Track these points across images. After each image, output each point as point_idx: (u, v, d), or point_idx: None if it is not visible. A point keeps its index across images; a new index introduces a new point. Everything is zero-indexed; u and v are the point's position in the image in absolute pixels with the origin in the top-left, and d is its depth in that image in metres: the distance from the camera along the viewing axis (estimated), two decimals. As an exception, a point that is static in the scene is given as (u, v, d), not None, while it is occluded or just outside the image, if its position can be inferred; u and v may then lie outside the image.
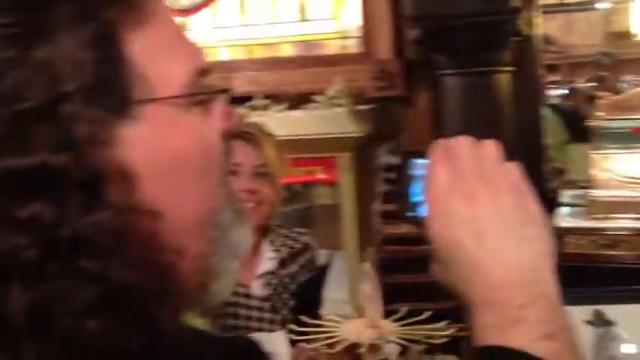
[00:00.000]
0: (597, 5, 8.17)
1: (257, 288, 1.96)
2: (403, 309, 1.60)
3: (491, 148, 0.67)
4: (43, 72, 0.51)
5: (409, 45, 3.50)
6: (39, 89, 0.50)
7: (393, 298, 1.89)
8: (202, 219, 0.60)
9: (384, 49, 3.55)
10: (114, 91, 0.53)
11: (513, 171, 0.66)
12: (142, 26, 0.56)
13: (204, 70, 0.61)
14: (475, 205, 0.64)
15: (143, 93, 0.55)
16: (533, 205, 0.66)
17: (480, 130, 0.70)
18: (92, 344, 0.50)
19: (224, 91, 0.63)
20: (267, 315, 1.91)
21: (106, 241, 0.51)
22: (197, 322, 0.65)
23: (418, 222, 0.72)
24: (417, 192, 0.72)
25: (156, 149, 0.56)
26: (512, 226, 0.64)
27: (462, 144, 0.67)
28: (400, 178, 0.75)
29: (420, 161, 0.72)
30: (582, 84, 6.41)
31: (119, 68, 0.54)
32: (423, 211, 0.70)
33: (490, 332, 0.61)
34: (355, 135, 3.15)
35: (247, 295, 1.90)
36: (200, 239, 0.60)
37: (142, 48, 0.55)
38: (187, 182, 0.58)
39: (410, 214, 0.73)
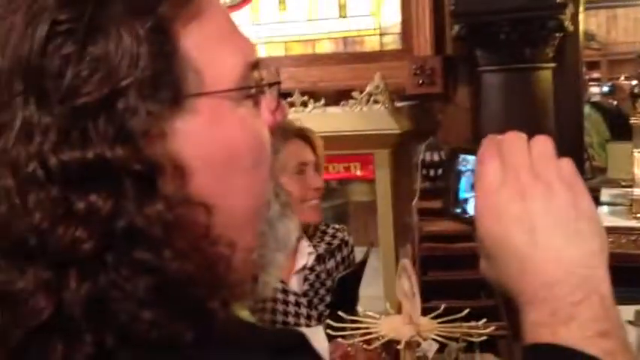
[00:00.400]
0: (640, 1, 7.98)
1: (295, 283, 1.97)
2: (441, 306, 1.60)
3: (543, 143, 0.66)
4: (100, 67, 0.52)
5: (449, 41, 3.48)
6: (96, 84, 0.52)
7: (430, 295, 1.90)
8: (252, 212, 0.61)
9: (424, 45, 3.53)
10: (168, 85, 0.54)
11: (566, 167, 0.65)
12: (195, 20, 0.57)
13: (256, 64, 0.61)
14: (526, 201, 0.63)
15: (196, 87, 0.56)
16: (585, 201, 0.64)
17: (519, 128, 0.69)
18: (146, 334, 0.51)
19: (275, 84, 0.64)
20: (304, 310, 1.92)
21: (160, 233, 0.52)
22: (243, 314, 0.66)
23: (464, 219, 0.71)
24: (463, 188, 0.72)
25: (208, 142, 0.57)
26: (565, 222, 0.62)
27: (514, 139, 0.66)
28: (446, 175, 0.75)
29: (468, 157, 0.72)
30: (624, 81, 6.28)
31: (173, 62, 0.55)
32: (470, 208, 0.70)
33: (541, 330, 0.60)
34: (393, 132, 3.14)
35: (285, 291, 1.91)
36: (250, 232, 0.61)
37: (195, 42, 0.56)
38: (238, 175, 0.59)
39: (456, 210, 0.72)
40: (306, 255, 1.98)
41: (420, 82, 3.46)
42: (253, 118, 0.61)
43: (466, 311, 1.60)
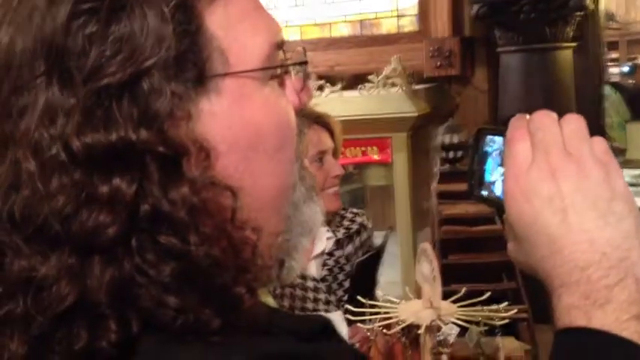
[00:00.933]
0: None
1: (313, 269, 1.97)
2: (462, 290, 1.59)
3: (575, 121, 0.64)
4: (124, 47, 0.51)
5: (467, 22, 3.44)
6: (121, 65, 0.50)
7: (451, 278, 1.89)
8: (278, 195, 0.60)
9: (441, 27, 3.50)
10: (193, 65, 0.53)
11: (599, 145, 0.63)
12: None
13: (281, 43, 0.60)
14: (558, 181, 0.61)
15: (221, 67, 0.55)
16: (619, 181, 0.62)
17: (539, 108, 0.67)
18: (172, 320, 0.50)
19: (301, 63, 0.62)
20: (323, 296, 1.92)
21: (186, 217, 0.51)
22: (267, 300, 0.65)
23: (491, 201, 0.70)
24: (490, 170, 0.70)
25: (234, 123, 0.55)
26: (598, 202, 0.60)
27: (544, 118, 0.64)
28: (472, 156, 0.73)
29: (495, 138, 0.70)
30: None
31: (198, 42, 0.54)
32: (497, 189, 0.68)
33: (574, 314, 0.59)
34: (411, 115, 3.12)
35: (303, 276, 1.91)
36: (275, 216, 0.60)
37: (220, 21, 0.55)
38: (264, 157, 0.58)
39: (482, 192, 0.71)
40: (324, 240, 1.97)
41: (438, 64, 3.43)
42: (279, 98, 0.59)
43: (487, 294, 1.59)
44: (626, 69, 5.92)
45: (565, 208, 0.61)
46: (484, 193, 0.71)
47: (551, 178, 0.61)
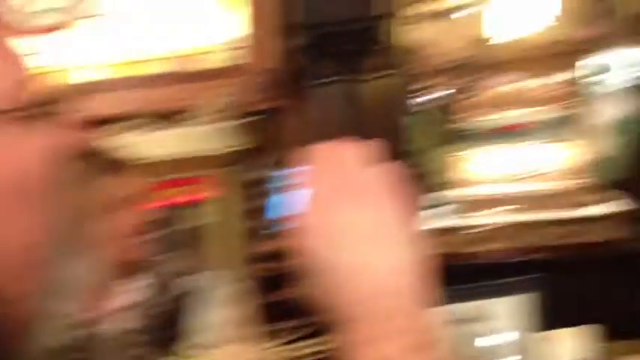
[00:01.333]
0: (458, 14, 8.55)
1: (124, 322, 1.88)
2: (285, 326, 1.59)
3: (352, 151, 0.65)
4: None
5: (289, 55, 3.51)
6: None
7: (275, 316, 1.88)
8: (27, 255, 0.54)
9: (265, 59, 3.53)
10: None
11: (380, 174, 0.64)
12: None
13: (30, 86, 0.55)
14: (338, 215, 0.61)
15: None
16: (402, 210, 0.63)
17: (348, 137, 0.68)
18: None
19: (48, 106, 0.57)
20: (124, 352, 1.84)
21: None
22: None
23: (280, 236, 0.69)
24: (279, 205, 0.70)
25: None
26: (375, 233, 0.61)
27: (329, 151, 0.65)
28: (266, 193, 0.73)
29: (285, 172, 0.70)
30: (448, 89, 6.67)
31: None
32: (286, 224, 0.68)
33: (356, 349, 0.59)
34: (231, 150, 3.10)
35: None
36: (25, 279, 0.54)
37: None
38: (8, 211, 0.52)
39: (272, 228, 0.70)
40: (135, 290, 1.90)
41: (262, 96, 3.46)
42: (28, 143, 0.54)
43: (311, 329, 1.59)
44: (433, 97, 6.34)
45: (343, 241, 0.61)
46: (274, 229, 0.70)
47: (330, 212, 0.62)
